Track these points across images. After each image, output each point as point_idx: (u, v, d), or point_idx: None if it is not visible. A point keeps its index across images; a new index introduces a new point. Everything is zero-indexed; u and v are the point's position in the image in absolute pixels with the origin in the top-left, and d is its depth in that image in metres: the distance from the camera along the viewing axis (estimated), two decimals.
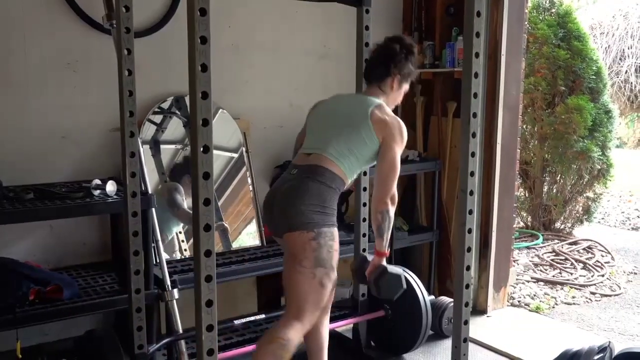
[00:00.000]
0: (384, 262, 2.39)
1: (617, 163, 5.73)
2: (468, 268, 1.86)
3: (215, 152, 3.17)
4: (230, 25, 3.25)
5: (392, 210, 2.31)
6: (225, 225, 3.14)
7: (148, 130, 3.02)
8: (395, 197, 2.31)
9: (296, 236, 2.13)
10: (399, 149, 2.30)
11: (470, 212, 1.83)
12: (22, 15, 2.70)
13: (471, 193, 1.82)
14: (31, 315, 2.30)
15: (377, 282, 2.35)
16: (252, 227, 3.25)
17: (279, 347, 2.09)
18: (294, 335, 2.13)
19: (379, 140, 2.28)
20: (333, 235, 2.16)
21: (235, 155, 3.27)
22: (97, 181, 2.55)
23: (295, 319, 2.14)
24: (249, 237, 3.23)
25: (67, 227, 2.86)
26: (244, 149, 3.28)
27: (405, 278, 2.41)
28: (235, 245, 3.18)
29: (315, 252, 2.11)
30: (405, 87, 2.50)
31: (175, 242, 3.03)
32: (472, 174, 1.81)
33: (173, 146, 3.09)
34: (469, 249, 1.85)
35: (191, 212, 1.40)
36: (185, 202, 3.01)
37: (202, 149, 1.39)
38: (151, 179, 2.92)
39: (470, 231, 1.85)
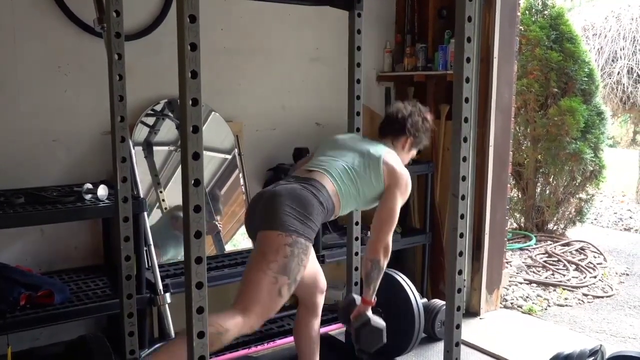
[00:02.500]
0: (369, 312, 2.44)
1: (610, 163, 5.76)
2: (460, 272, 1.87)
3: (208, 153, 3.21)
4: (223, 27, 3.24)
5: (383, 261, 2.38)
6: (218, 224, 3.13)
7: (141, 132, 3.01)
8: (388, 248, 2.38)
9: (274, 236, 2.06)
10: (400, 200, 2.37)
11: (462, 216, 1.84)
12: (12, 17, 2.68)
13: (463, 197, 1.83)
14: (22, 320, 2.29)
15: (358, 332, 2.41)
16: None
17: (214, 332, 1.89)
18: (233, 328, 1.98)
19: (384, 185, 2.34)
20: (307, 250, 2.11)
21: (229, 157, 3.26)
22: (89, 185, 2.54)
23: (241, 314, 1.99)
24: (242, 237, 3.23)
25: (58, 231, 2.84)
26: (236, 151, 3.28)
27: (385, 331, 2.45)
28: (229, 245, 3.18)
29: (286, 258, 2.03)
30: (413, 152, 2.61)
31: None
32: (464, 178, 1.82)
33: (166, 148, 3.09)
34: (461, 253, 1.86)
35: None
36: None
37: (192, 156, 1.39)
38: (144, 181, 2.92)
39: (462, 235, 1.85)
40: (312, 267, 2.45)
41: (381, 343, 2.40)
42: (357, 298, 2.61)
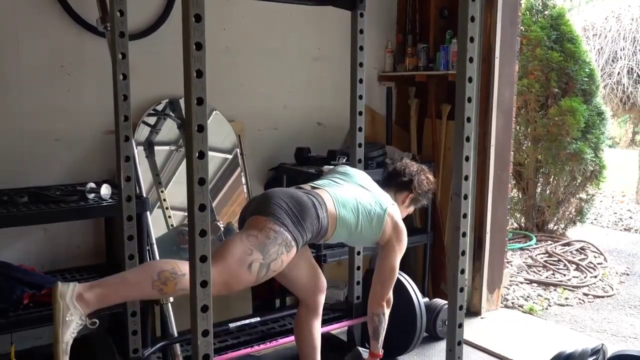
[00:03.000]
0: None
1: (610, 163, 5.77)
2: (462, 271, 1.87)
3: (210, 153, 3.20)
4: (225, 27, 3.25)
5: (387, 312, 2.49)
6: (219, 225, 3.13)
7: (142, 132, 3.01)
8: (390, 300, 2.50)
9: (261, 219, 2.08)
10: (399, 255, 2.47)
11: (465, 215, 1.84)
12: (15, 17, 2.69)
13: (465, 197, 1.83)
14: (25, 319, 2.29)
15: None
16: None
17: (169, 269, 1.89)
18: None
19: (381, 234, 2.39)
20: (289, 247, 2.09)
21: (230, 157, 3.27)
22: (92, 184, 2.54)
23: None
24: None
25: (61, 230, 2.85)
26: (238, 151, 3.28)
27: None
28: None
29: (267, 239, 2.03)
30: (411, 209, 2.72)
31: None
32: (467, 177, 1.82)
33: (167, 147, 3.09)
34: (464, 253, 1.86)
35: None
36: None
37: (197, 155, 1.40)
38: (145, 180, 2.92)
39: (464, 235, 1.85)
40: (311, 267, 2.46)
41: None
42: (364, 352, 2.69)
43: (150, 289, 1.88)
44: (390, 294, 2.51)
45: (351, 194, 2.36)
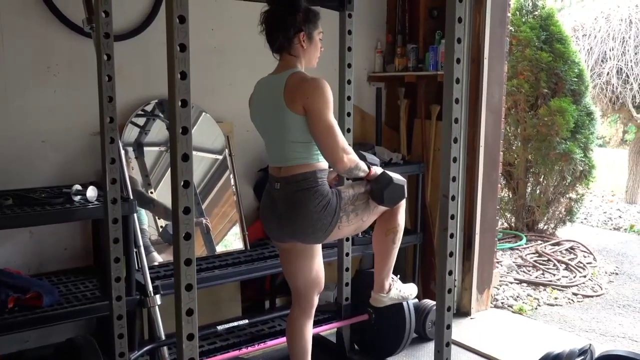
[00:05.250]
0: (379, 171, 2.32)
1: (600, 163, 5.79)
2: (450, 273, 1.87)
3: (199, 153, 3.19)
4: (214, 28, 3.23)
5: (353, 162, 2.20)
6: (206, 222, 3.11)
7: (131, 133, 2.99)
8: (347, 149, 2.17)
9: (337, 233, 2.28)
10: (324, 109, 2.12)
11: (452, 216, 1.84)
12: (0, 17, 2.66)
13: (453, 198, 1.83)
14: (10, 323, 2.27)
15: (382, 190, 2.28)
16: (237, 229, 3.24)
17: (396, 234, 2.45)
18: (401, 219, 2.44)
19: (304, 116, 2.14)
20: (347, 198, 2.26)
21: (220, 157, 3.25)
22: (78, 186, 2.52)
23: (391, 213, 2.40)
24: (234, 237, 3.22)
25: (47, 233, 2.82)
26: (227, 152, 3.26)
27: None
28: (221, 246, 3.17)
29: (352, 221, 2.29)
30: (317, 34, 2.30)
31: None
32: (454, 179, 1.82)
33: (157, 148, 3.07)
34: (451, 254, 1.86)
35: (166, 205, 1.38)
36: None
37: (181, 157, 1.38)
38: (135, 182, 2.90)
39: (452, 236, 1.85)
40: (318, 263, 2.47)
41: (404, 197, 2.36)
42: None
43: None
44: (343, 144, 2.14)
45: (284, 141, 2.20)
